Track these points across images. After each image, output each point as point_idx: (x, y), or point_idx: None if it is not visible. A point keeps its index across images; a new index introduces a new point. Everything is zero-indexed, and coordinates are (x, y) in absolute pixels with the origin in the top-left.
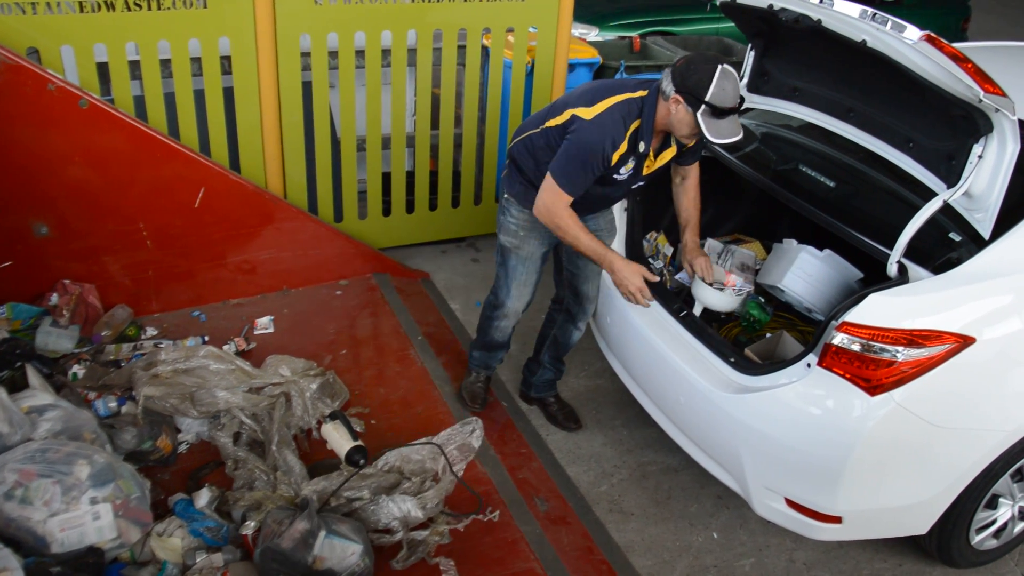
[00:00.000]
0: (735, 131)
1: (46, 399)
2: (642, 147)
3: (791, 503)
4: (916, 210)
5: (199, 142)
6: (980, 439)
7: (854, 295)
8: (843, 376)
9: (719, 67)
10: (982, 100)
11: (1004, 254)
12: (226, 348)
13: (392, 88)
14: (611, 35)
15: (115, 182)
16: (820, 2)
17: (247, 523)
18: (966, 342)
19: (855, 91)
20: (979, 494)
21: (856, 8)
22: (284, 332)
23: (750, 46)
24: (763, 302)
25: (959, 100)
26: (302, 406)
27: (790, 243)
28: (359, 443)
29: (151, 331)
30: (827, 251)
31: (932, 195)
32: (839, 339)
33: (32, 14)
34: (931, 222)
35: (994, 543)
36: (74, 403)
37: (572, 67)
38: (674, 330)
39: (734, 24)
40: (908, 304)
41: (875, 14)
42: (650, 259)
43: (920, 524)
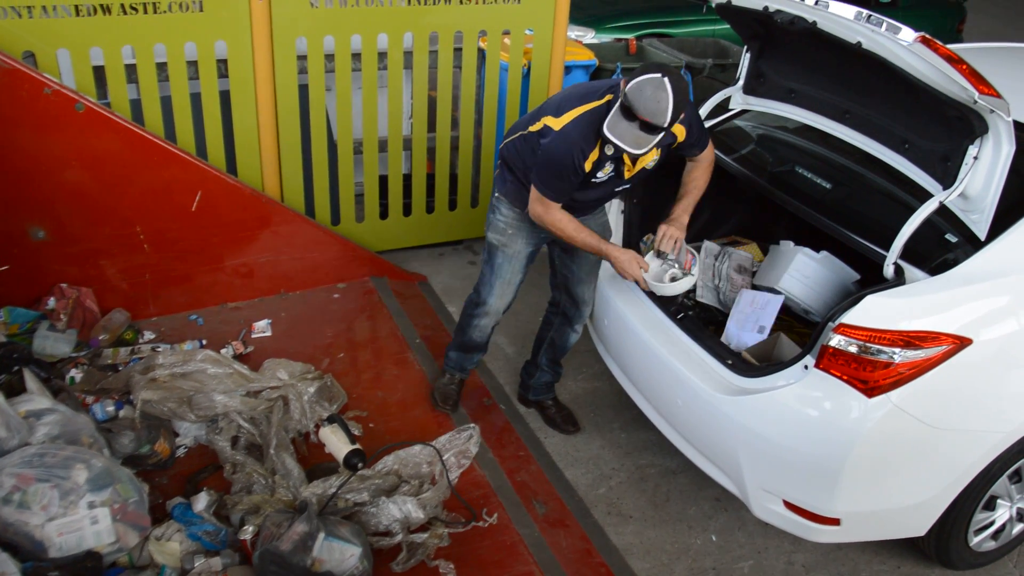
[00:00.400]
0: (634, 142)
1: (44, 403)
2: (611, 151)
3: (789, 505)
4: (912, 211)
5: (196, 145)
6: (978, 440)
7: (851, 297)
8: (840, 378)
9: (654, 75)
10: (977, 101)
11: (1000, 255)
12: (224, 352)
13: (389, 91)
14: (607, 37)
15: (112, 186)
16: (815, 4)
17: (245, 527)
18: (963, 343)
19: (851, 93)
20: (977, 495)
21: (851, 10)
22: (282, 336)
23: (746, 48)
24: None
25: (954, 101)
26: (300, 410)
27: (787, 245)
28: (357, 446)
29: (148, 335)
30: (824, 253)
31: (928, 196)
32: (836, 341)
33: (28, 18)
34: (927, 223)
35: (992, 545)
36: (72, 407)
37: (568, 69)
38: (671, 332)
39: (730, 26)
40: (905, 305)
41: (870, 16)
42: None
43: (918, 526)
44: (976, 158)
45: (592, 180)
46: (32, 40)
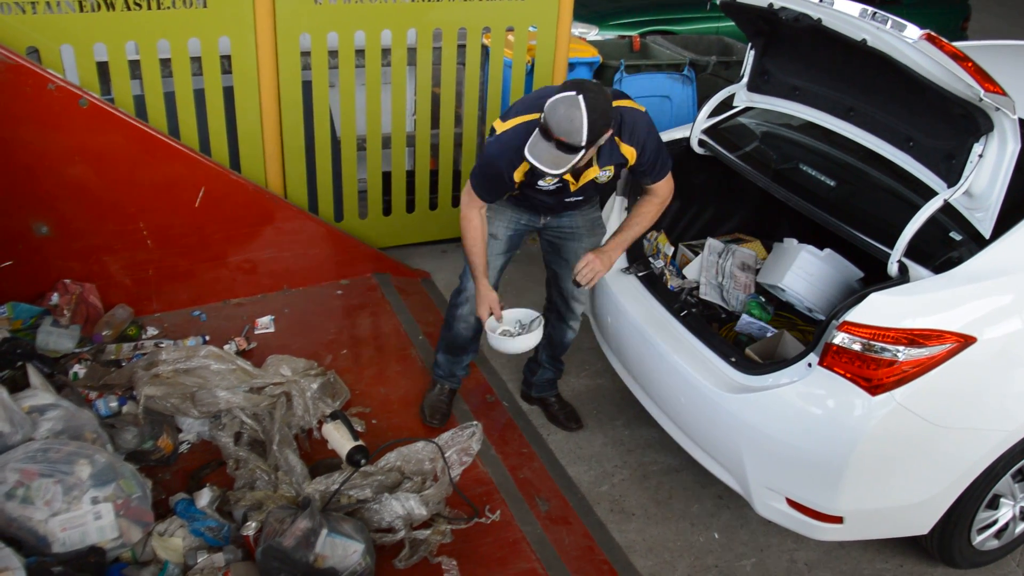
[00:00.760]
0: (551, 162)
1: (47, 399)
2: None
3: (792, 503)
4: (916, 209)
5: (199, 141)
6: (981, 439)
7: (855, 294)
8: (844, 376)
9: (569, 93)
10: (982, 99)
11: (1005, 253)
12: (227, 348)
13: (392, 87)
14: (611, 34)
15: (115, 181)
16: (820, 1)
17: (248, 523)
18: (967, 341)
19: (855, 90)
20: (980, 494)
21: (856, 7)
22: (285, 332)
23: (750, 45)
24: (764, 302)
25: (959, 99)
26: (303, 406)
27: (790, 242)
28: (360, 443)
29: (152, 331)
30: (827, 250)
31: (932, 194)
32: (840, 339)
33: (32, 13)
34: (932, 221)
35: (995, 543)
36: (75, 403)
37: (572, 66)
38: (675, 330)
39: (734, 23)
40: (909, 303)
41: (875, 13)
42: (651, 258)
43: (921, 524)
44: (981, 156)
45: (538, 186)
46: (36, 36)
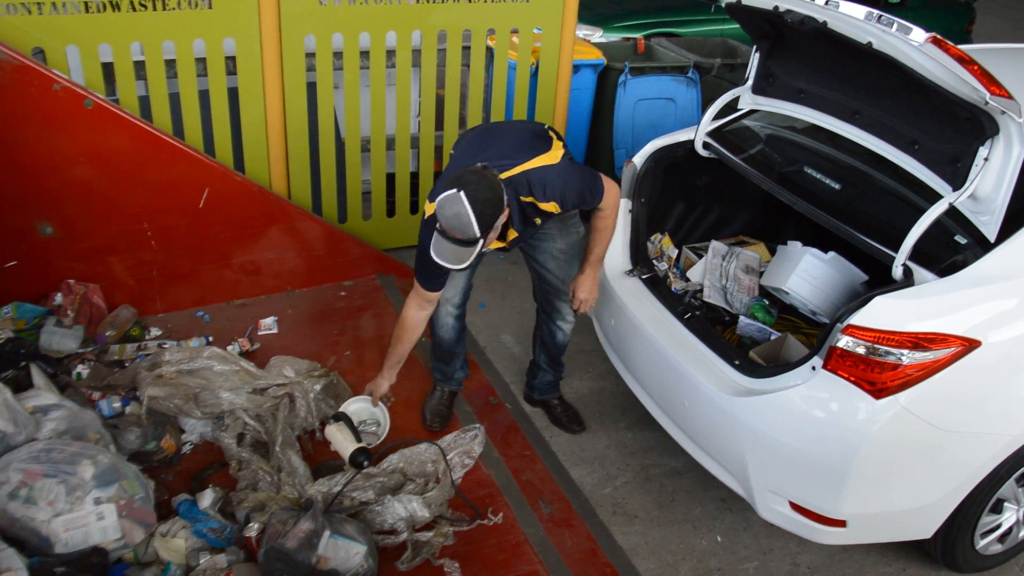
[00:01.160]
0: (455, 258)
1: (50, 399)
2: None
3: (795, 506)
4: (921, 213)
5: (203, 142)
6: (985, 443)
7: (859, 298)
8: (848, 379)
9: (450, 191)
10: (988, 102)
11: (1010, 257)
12: (230, 349)
13: (397, 89)
14: (615, 36)
15: (120, 182)
16: (826, 4)
17: (251, 524)
18: (972, 345)
19: (860, 93)
20: (984, 498)
21: (862, 10)
22: (288, 333)
23: (755, 48)
24: (768, 304)
25: (965, 102)
26: (306, 407)
27: (795, 245)
28: (363, 444)
29: (155, 331)
30: (832, 253)
31: (938, 198)
32: (844, 342)
33: (38, 14)
34: (936, 225)
35: (999, 548)
36: (78, 403)
37: (576, 68)
38: (678, 332)
39: (739, 25)
40: (913, 307)
41: (881, 16)
42: (654, 261)
43: (925, 528)
44: (987, 159)
45: (483, 253)
46: (41, 36)
